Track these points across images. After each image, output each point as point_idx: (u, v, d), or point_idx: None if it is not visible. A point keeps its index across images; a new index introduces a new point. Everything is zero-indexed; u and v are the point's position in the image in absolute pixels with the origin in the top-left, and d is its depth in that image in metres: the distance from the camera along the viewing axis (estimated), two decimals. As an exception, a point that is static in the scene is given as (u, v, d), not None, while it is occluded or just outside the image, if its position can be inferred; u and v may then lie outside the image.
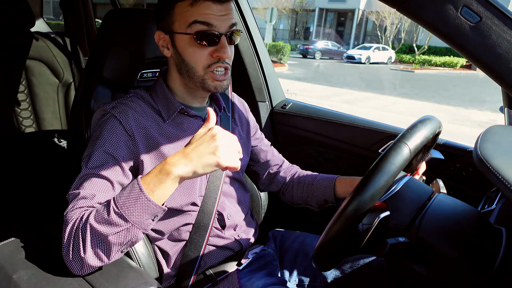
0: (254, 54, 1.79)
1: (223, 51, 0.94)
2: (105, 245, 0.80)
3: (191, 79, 1.00)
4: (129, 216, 0.79)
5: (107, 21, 1.14)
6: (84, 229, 0.79)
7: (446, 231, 0.72)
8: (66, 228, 0.81)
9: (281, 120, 1.82)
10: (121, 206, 0.79)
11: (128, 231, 0.80)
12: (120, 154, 0.93)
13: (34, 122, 2.34)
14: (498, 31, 0.67)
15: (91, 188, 0.87)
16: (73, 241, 0.80)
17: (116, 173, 0.92)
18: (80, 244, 0.79)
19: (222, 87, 1.00)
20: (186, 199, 1.05)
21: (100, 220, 0.79)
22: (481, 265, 0.68)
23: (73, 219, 0.81)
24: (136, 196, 0.79)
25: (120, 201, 0.80)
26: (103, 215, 0.79)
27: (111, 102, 1.00)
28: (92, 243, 0.79)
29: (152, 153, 1.00)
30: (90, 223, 0.79)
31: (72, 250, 0.80)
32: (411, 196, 0.82)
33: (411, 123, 0.79)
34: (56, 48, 2.32)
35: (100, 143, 0.93)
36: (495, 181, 0.60)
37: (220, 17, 0.93)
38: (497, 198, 0.96)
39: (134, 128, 0.97)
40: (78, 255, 0.79)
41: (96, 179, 0.89)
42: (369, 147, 1.57)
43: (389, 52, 23.75)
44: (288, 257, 1.24)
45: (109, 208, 0.79)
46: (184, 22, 0.94)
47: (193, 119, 1.08)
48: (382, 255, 0.69)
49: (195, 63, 0.97)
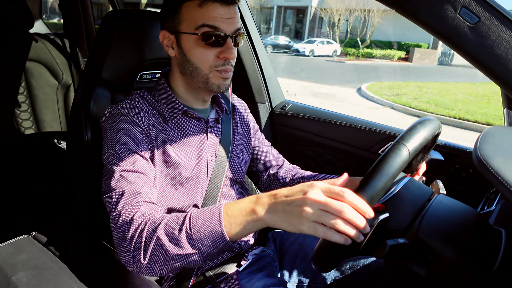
0: (253, 56, 1.79)
1: (229, 52, 0.96)
2: (164, 259, 0.78)
3: (195, 79, 1.00)
4: (198, 242, 0.76)
5: (106, 22, 1.14)
6: (150, 237, 0.78)
7: (446, 232, 0.72)
8: (130, 226, 0.81)
9: (280, 121, 1.82)
10: (195, 231, 0.76)
11: (190, 257, 0.77)
12: (142, 150, 0.95)
13: (33, 123, 2.34)
14: (496, 31, 0.67)
15: (135, 185, 0.88)
16: (135, 243, 0.80)
17: (146, 167, 0.94)
18: (142, 249, 0.79)
19: (225, 87, 1.01)
20: (188, 200, 1.06)
21: (169, 234, 0.77)
22: (481, 266, 0.68)
23: (140, 221, 0.81)
24: (213, 228, 0.75)
25: (195, 225, 0.77)
26: (173, 231, 0.77)
27: (119, 104, 1.00)
28: (152, 254, 0.78)
29: (160, 153, 1.00)
30: (158, 234, 0.78)
31: (133, 252, 0.80)
32: (410, 197, 0.82)
33: (410, 124, 0.79)
34: (55, 49, 2.32)
35: (120, 142, 0.93)
36: (494, 182, 0.60)
37: (227, 19, 0.94)
38: (497, 199, 0.96)
39: (148, 126, 0.98)
40: (138, 259, 0.79)
41: (134, 175, 0.90)
42: (369, 148, 1.57)
43: (334, 46, 25.29)
44: (287, 258, 1.24)
45: (182, 226, 0.77)
46: (192, 23, 0.95)
47: (195, 121, 1.08)
48: (381, 257, 0.69)
49: (201, 63, 0.97)
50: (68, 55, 2.40)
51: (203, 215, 0.78)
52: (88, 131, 1.10)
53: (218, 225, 0.75)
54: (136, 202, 0.85)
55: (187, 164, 1.04)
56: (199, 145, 1.08)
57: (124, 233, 0.81)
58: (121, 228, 0.83)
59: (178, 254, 0.76)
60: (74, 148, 1.14)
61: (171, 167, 1.01)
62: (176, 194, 1.04)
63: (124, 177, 0.89)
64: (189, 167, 1.05)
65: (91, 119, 1.10)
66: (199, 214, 0.78)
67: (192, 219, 0.78)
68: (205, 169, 1.09)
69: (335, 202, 0.64)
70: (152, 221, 0.80)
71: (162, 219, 0.80)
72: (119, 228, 0.83)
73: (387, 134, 1.52)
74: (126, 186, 0.88)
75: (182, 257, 0.77)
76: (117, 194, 0.87)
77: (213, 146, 1.11)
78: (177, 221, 0.79)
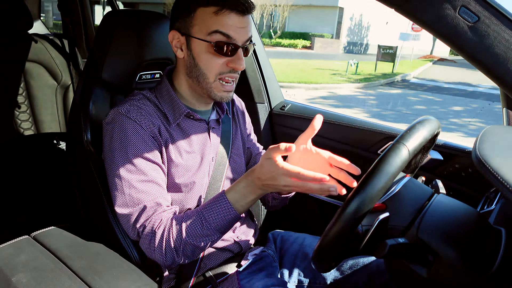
0: (252, 56, 1.79)
1: (239, 62, 0.96)
2: (194, 251, 0.95)
3: (200, 85, 1.00)
4: (218, 229, 0.93)
5: (106, 23, 1.14)
6: (179, 242, 0.92)
7: (446, 232, 0.72)
8: (155, 236, 0.93)
9: (280, 121, 1.82)
10: (212, 221, 0.92)
11: (214, 240, 0.95)
12: (153, 155, 0.97)
13: (32, 124, 2.33)
14: (496, 30, 0.67)
15: (153, 196, 0.95)
16: (165, 250, 0.93)
17: (159, 174, 0.98)
18: (174, 253, 0.93)
19: (228, 98, 1.02)
20: (190, 201, 1.06)
21: (193, 235, 0.92)
22: (481, 266, 0.68)
23: (163, 229, 0.93)
24: (228, 215, 0.92)
25: (210, 219, 0.92)
26: (196, 230, 0.92)
27: (123, 106, 0.99)
28: (184, 253, 0.94)
29: (164, 155, 1.00)
30: (185, 239, 0.92)
31: (166, 255, 0.93)
32: (410, 197, 0.82)
33: (410, 124, 0.79)
34: (54, 50, 2.31)
35: (131, 149, 0.95)
36: (494, 181, 0.60)
37: (240, 29, 0.94)
38: (497, 199, 0.96)
39: (154, 129, 0.98)
40: (172, 259, 0.94)
41: (150, 186, 0.95)
42: (368, 148, 1.57)
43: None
44: (287, 258, 1.24)
45: (201, 222, 0.93)
46: (205, 28, 0.94)
47: (197, 122, 1.08)
48: (381, 256, 0.69)
49: (208, 69, 0.97)
50: (67, 56, 2.39)
51: (214, 207, 0.93)
52: (88, 131, 1.10)
53: (233, 211, 0.92)
54: (157, 214, 0.94)
55: (189, 166, 1.04)
56: (202, 146, 1.08)
57: (152, 243, 0.93)
58: (147, 239, 0.93)
59: (204, 245, 0.93)
60: (73, 149, 1.14)
61: (174, 168, 1.01)
62: (178, 195, 1.04)
63: (140, 188, 0.94)
64: (192, 169, 1.05)
65: (90, 119, 1.10)
66: (210, 208, 0.93)
67: (206, 215, 0.92)
68: (207, 170, 1.09)
69: (297, 183, 0.84)
70: (173, 227, 0.93)
71: (182, 222, 0.93)
72: (146, 239, 0.93)
73: (387, 134, 1.52)
74: (145, 198, 0.94)
75: (207, 243, 0.94)
76: (138, 208, 0.93)
77: (214, 147, 1.11)
78: (195, 220, 0.93)
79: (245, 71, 1.79)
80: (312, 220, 1.66)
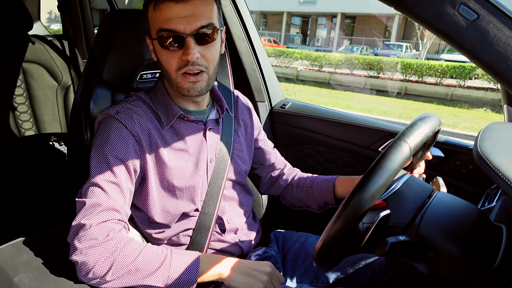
0: (252, 55, 1.79)
1: (187, 52, 0.91)
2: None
3: (170, 83, 0.99)
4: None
5: (106, 23, 1.14)
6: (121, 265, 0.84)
7: (447, 229, 0.72)
8: (97, 244, 0.83)
9: (280, 120, 1.82)
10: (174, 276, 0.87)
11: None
12: (130, 159, 0.93)
13: (33, 125, 2.34)
14: (495, 28, 0.67)
15: (113, 200, 0.88)
16: (110, 266, 0.82)
17: (126, 180, 0.93)
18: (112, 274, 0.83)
19: (196, 90, 0.97)
20: (188, 205, 1.05)
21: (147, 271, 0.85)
22: (482, 263, 0.68)
23: (113, 238, 0.84)
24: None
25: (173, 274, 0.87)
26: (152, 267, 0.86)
27: (115, 106, 0.98)
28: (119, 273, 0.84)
29: (154, 159, 0.99)
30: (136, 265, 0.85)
31: (102, 274, 0.82)
32: (411, 194, 0.82)
33: (411, 121, 0.79)
34: (54, 51, 2.32)
35: (108, 149, 0.92)
36: (495, 178, 0.60)
37: (184, 19, 0.89)
38: (497, 196, 0.96)
39: (140, 133, 0.96)
40: (101, 276, 0.83)
41: (114, 188, 0.90)
42: (369, 145, 1.57)
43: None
44: (290, 257, 1.24)
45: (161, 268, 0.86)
46: (154, 27, 0.93)
47: (193, 124, 1.06)
48: (382, 254, 0.69)
49: (168, 66, 0.95)
50: (67, 57, 2.40)
51: (183, 255, 0.90)
52: (88, 131, 1.10)
53: (197, 261, 0.90)
54: (112, 220, 0.87)
55: (183, 169, 1.02)
56: (197, 148, 1.06)
57: (93, 253, 0.82)
58: (91, 242, 0.83)
59: (138, 281, 0.85)
60: (75, 149, 1.14)
61: (167, 172, 1.00)
62: (174, 199, 1.03)
63: (104, 188, 0.89)
64: (186, 172, 1.03)
65: (91, 119, 1.10)
66: (179, 254, 0.90)
67: (172, 266, 0.87)
68: (205, 172, 1.07)
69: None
70: (130, 245, 0.86)
71: (142, 248, 0.87)
72: (87, 240, 0.83)
73: (388, 132, 1.52)
74: (103, 198, 0.88)
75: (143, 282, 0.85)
76: (90, 203, 0.86)
77: (212, 148, 1.09)
78: (157, 259, 0.87)
79: (245, 70, 1.79)
80: (314, 219, 1.66)
